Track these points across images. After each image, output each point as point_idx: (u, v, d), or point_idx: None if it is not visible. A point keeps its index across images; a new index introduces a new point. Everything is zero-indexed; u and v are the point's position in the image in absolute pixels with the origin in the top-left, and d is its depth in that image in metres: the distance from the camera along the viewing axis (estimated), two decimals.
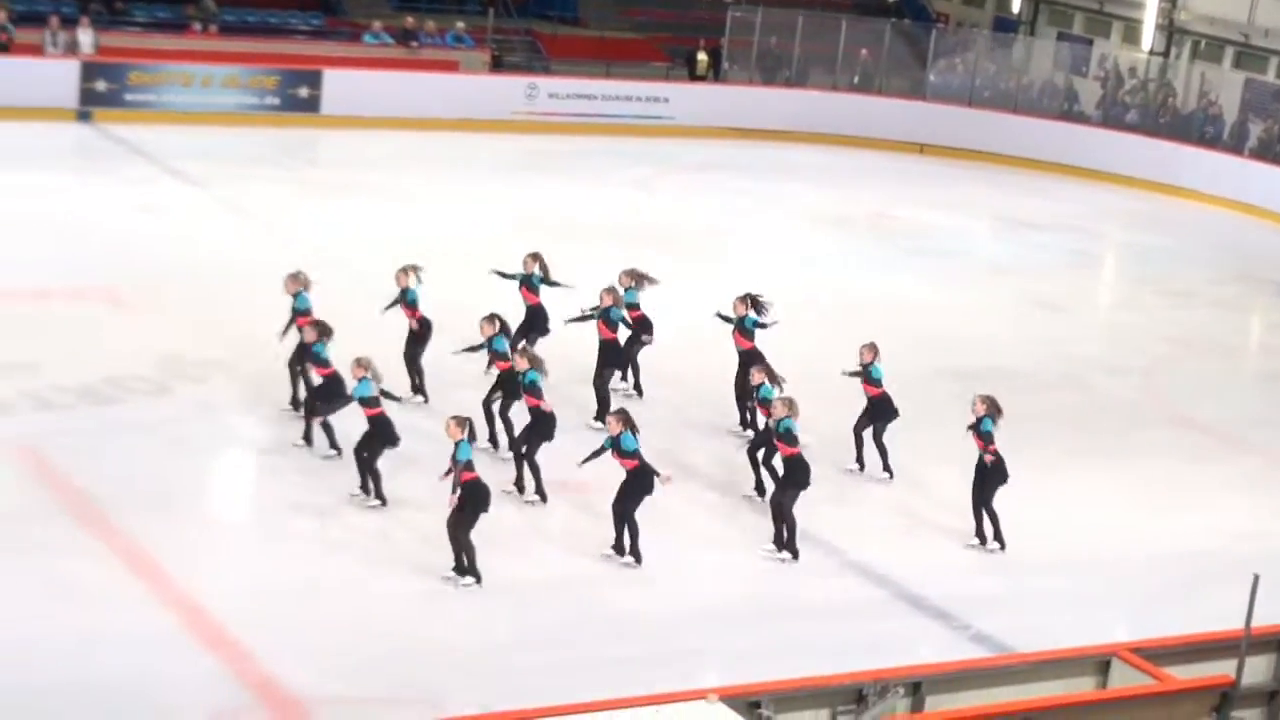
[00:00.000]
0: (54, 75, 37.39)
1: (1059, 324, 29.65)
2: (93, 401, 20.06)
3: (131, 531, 16.97)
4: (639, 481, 17.29)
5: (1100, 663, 14.08)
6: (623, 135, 41.84)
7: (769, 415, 18.53)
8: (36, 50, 37.95)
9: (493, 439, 19.73)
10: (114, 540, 16.69)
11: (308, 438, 19.18)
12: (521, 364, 18.80)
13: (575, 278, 22.78)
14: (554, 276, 22.56)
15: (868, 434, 20.62)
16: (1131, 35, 48.30)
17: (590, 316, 21.49)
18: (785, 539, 18.14)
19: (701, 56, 45.73)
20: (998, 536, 18.92)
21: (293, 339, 19.89)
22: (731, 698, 11.74)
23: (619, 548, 17.46)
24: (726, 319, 21.68)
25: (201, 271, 25.69)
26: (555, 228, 31.27)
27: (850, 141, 43.82)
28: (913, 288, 30.65)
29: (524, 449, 18.79)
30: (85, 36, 38.12)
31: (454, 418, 16.55)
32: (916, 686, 13.20)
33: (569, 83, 42.98)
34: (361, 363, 17.80)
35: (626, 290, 22.39)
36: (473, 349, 19.96)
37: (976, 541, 18.94)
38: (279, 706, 14.35)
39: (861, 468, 20.79)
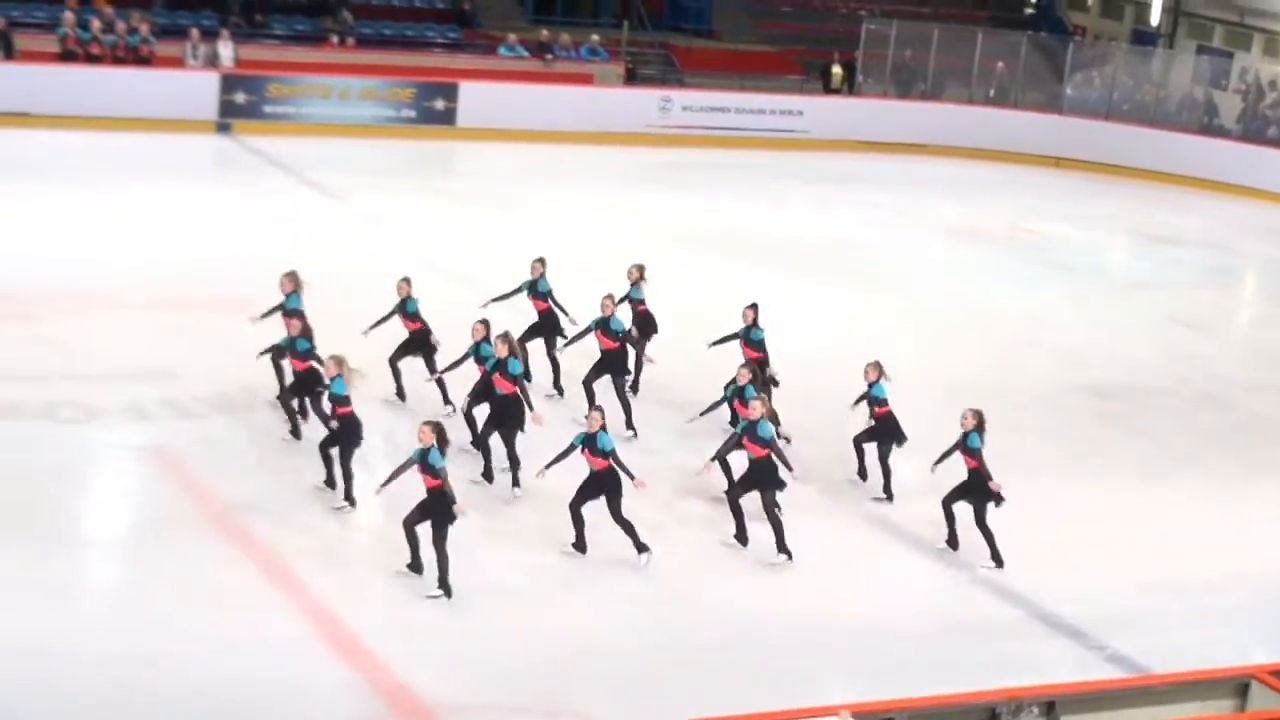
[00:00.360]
0: (194, 88, 37.98)
1: (1199, 341, 29.24)
2: (230, 410, 20.22)
3: (268, 539, 17.09)
4: (612, 481, 17.13)
5: (1239, 685, 13.82)
6: (756, 148, 41.80)
7: (746, 414, 18.15)
8: (177, 63, 38.48)
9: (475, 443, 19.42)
10: (251, 549, 16.80)
11: (295, 432, 19.48)
12: (501, 350, 18.62)
13: (704, 291, 22.71)
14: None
15: (870, 448, 20.10)
16: (1272, 48, 47.61)
17: (584, 335, 21.09)
18: (778, 541, 17.91)
19: (836, 69, 45.62)
20: (994, 555, 18.44)
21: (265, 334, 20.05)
22: (864, 714, 11.64)
23: (638, 546, 17.32)
24: (730, 338, 21.33)
25: (337, 282, 25.72)
26: (686, 241, 31.32)
27: (985, 155, 43.52)
28: (1049, 303, 30.37)
29: (506, 443, 18.61)
30: (225, 49, 38.58)
31: (427, 423, 16.34)
32: (1050, 706, 13.04)
33: (703, 95, 43.00)
34: (336, 360, 17.78)
35: (633, 285, 22.30)
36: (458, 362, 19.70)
37: (992, 564, 18.45)
38: (411, 715, 14.37)
39: (864, 478, 20.31)
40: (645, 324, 22.28)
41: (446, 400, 20.46)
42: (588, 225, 32.37)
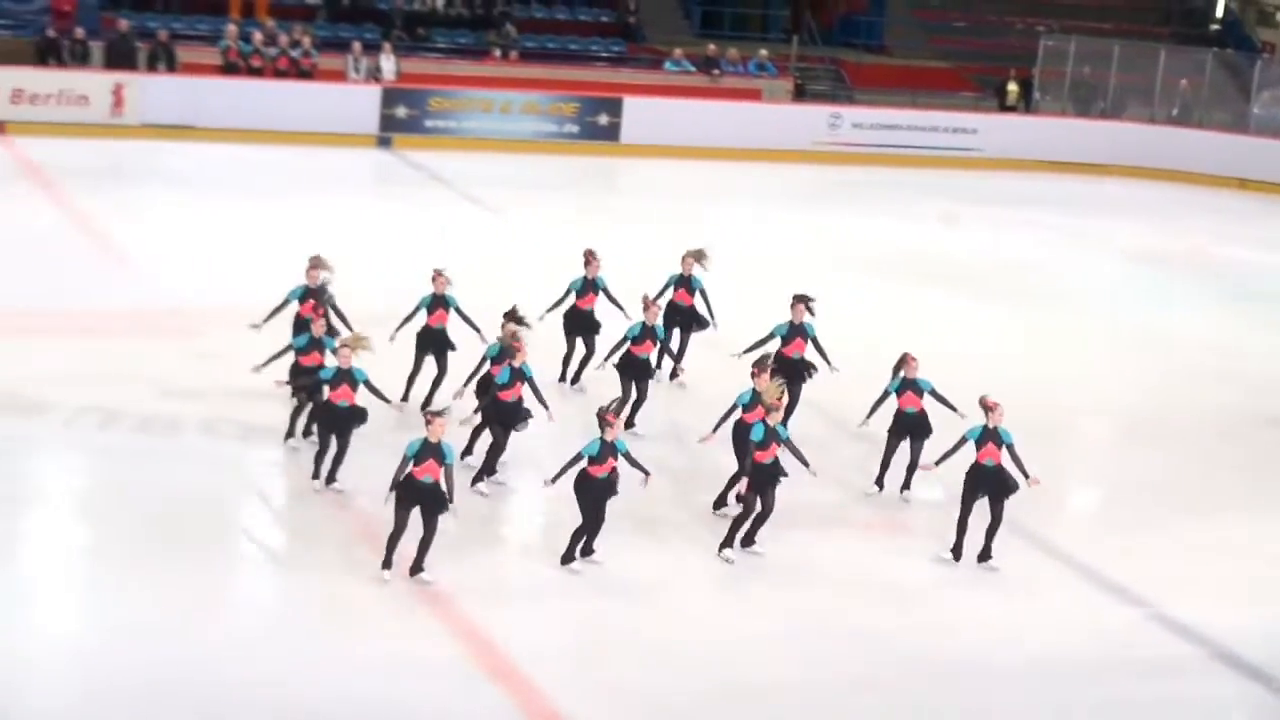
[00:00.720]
0: (355, 101, 38.58)
1: None
2: (385, 426, 20.26)
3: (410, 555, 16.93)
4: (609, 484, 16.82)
5: None
6: (928, 167, 41.51)
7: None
8: (339, 76, 39.01)
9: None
10: (402, 567, 16.66)
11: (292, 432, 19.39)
12: (523, 353, 18.40)
13: (870, 314, 22.44)
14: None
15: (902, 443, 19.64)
16: None
17: (622, 345, 20.70)
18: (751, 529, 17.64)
19: (1012, 87, 45.17)
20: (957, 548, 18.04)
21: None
22: None
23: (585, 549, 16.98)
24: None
25: (495, 298, 25.78)
26: (853, 261, 31.09)
27: (1166, 175, 42.87)
28: (1233, 330, 29.72)
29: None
30: (387, 63, 38.97)
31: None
32: None
33: (873, 113, 42.78)
34: (350, 343, 17.86)
35: (690, 276, 22.33)
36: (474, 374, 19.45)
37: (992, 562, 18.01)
38: None
39: (880, 489, 19.83)
40: (688, 317, 22.35)
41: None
42: (752, 245, 32.18)
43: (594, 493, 16.62)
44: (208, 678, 14.42)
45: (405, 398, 20.46)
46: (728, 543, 17.57)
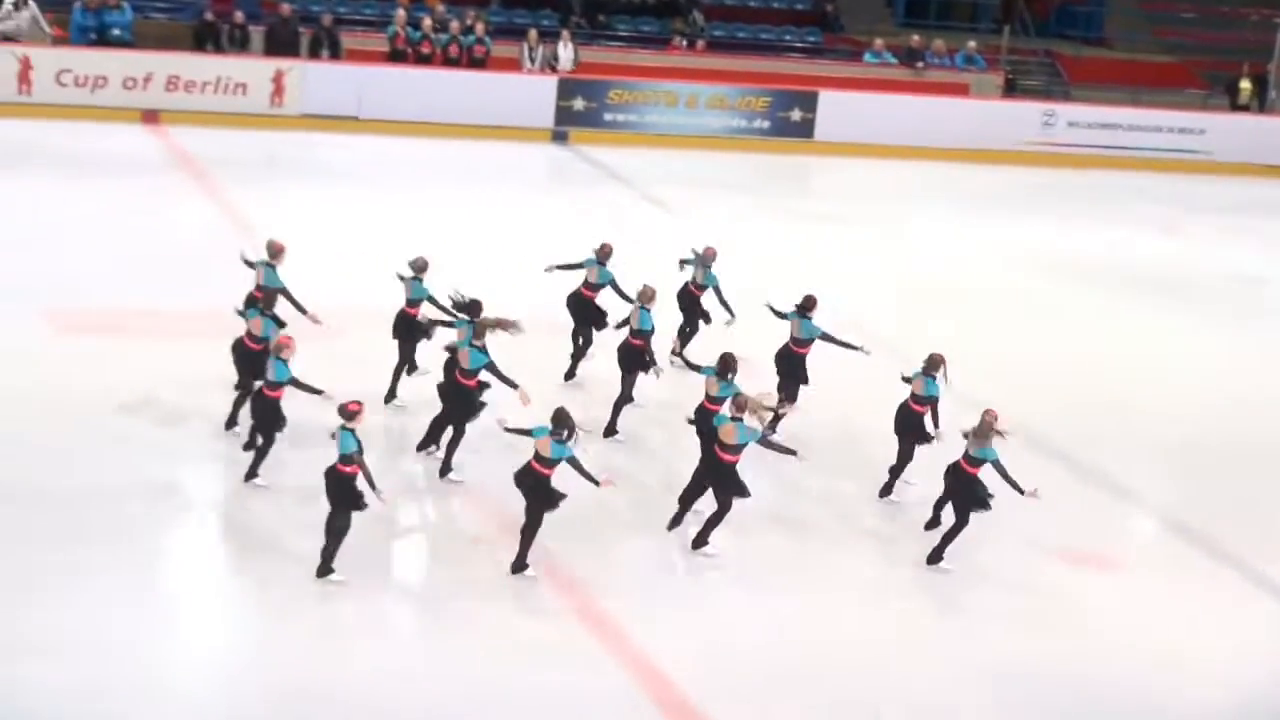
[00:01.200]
0: (530, 93, 38.80)
1: None
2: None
3: (586, 585, 17.07)
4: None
5: None
6: (1148, 170, 40.97)
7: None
8: (513, 66, 39.19)
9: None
10: (569, 594, 16.79)
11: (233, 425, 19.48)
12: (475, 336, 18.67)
13: (1083, 328, 22.08)
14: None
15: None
16: None
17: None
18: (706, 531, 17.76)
19: (1245, 84, 44.42)
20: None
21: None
22: None
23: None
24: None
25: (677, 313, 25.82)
26: (1066, 271, 30.73)
27: None
28: None
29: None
30: (565, 52, 39.10)
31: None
32: None
33: (1091, 110, 42.28)
34: (285, 343, 17.89)
35: (707, 272, 22.61)
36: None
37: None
38: None
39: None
40: (693, 308, 22.70)
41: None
42: (956, 252, 31.91)
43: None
44: (357, 701, 14.52)
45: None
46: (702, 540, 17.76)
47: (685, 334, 22.87)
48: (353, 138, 36.78)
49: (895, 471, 19.53)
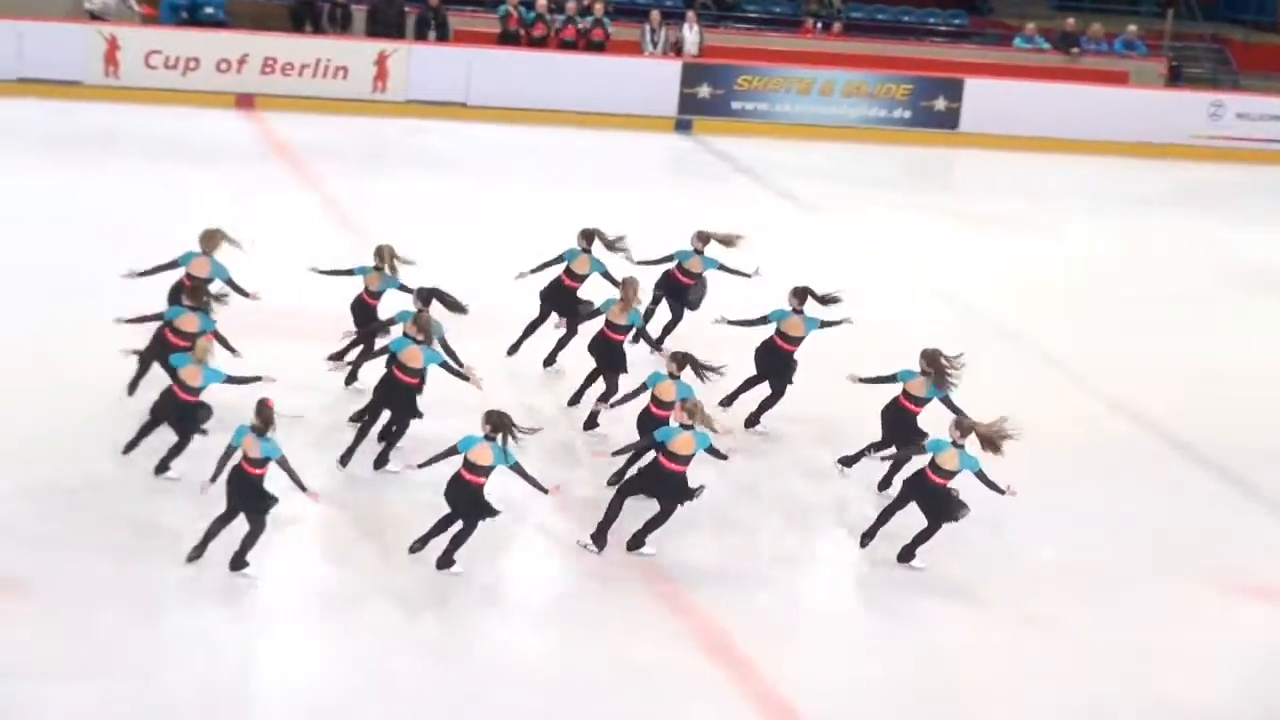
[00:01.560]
0: (652, 78, 38.91)
1: None
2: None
3: (709, 609, 16.96)
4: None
5: None
6: None
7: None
8: (633, 49, 39.36)
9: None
10: (689, 618, 16.76)
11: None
12: (410, 329, 18.73)
13: (1259, 342, 21.73)
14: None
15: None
16: None
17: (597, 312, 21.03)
18: (600, 528, 17.69)
19: None
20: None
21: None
22: None
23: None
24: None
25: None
26: (1237, 278, 30.50)
27: None
28: None
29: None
30: (690, 34, 39.11)
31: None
32: None
33: (1264, 101, 41.89)
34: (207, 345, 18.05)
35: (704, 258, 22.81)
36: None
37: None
38: None
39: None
40: (677, 291, 22.86)
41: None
42: (1114, 253, 31.66)
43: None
44: None
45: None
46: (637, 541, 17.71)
47: (668, 325, 23.11)
48: (461, 126, 36.85)
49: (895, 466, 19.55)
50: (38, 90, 35.51)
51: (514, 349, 22.49)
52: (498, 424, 16.62)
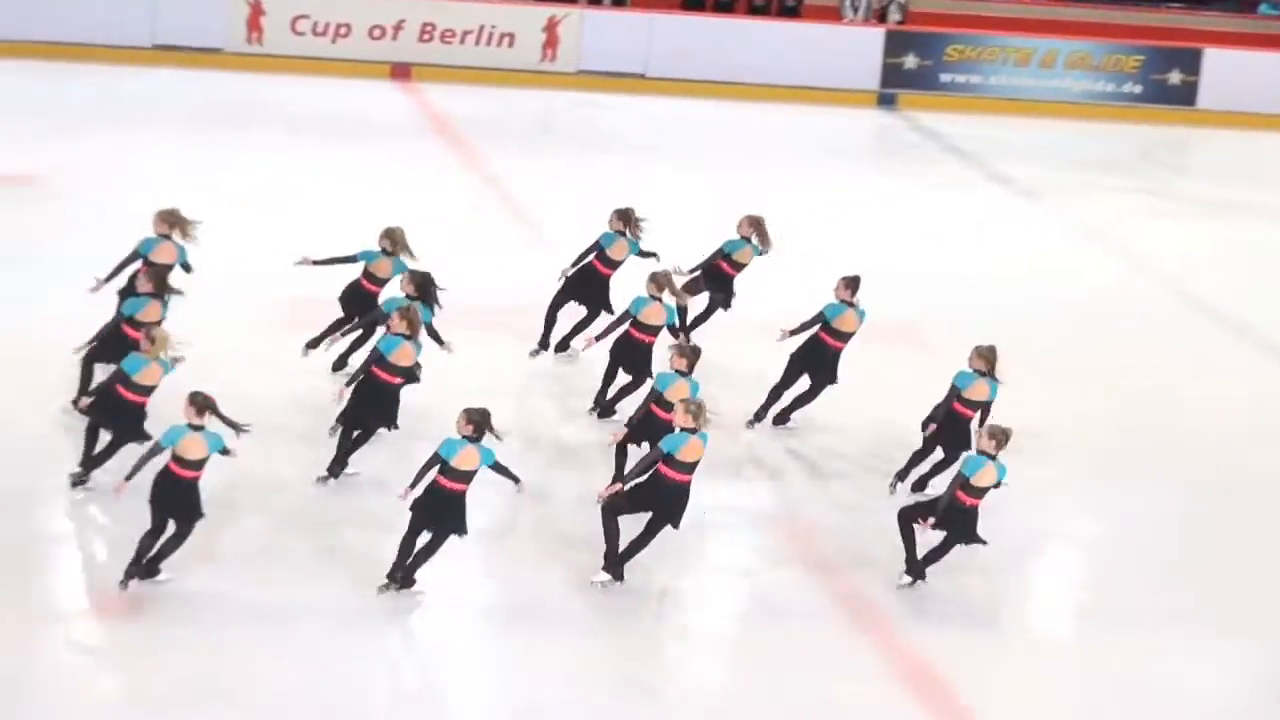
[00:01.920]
0: (851, 47, 38.73)
1: None
2: (871, 468, 19.99)
3: (918, 645, 16.80)
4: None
5: None
6: None
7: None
8: (831, 15, 39.38)
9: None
10: (895, 657, 16.63)
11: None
12: (399, 326, 18.45)
13: None
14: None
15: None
16: None
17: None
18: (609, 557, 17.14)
19: None
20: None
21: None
22: None
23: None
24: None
25: (1026, 310, 25.58)
26: None
27: None
28: None
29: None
30: None
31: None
32: None
33: None
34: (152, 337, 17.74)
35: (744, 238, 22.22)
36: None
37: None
38: None
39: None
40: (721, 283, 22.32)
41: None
42: None
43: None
44: None
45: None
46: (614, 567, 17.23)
47: (700, 316, 22.70)
48: (638, 100, 36.87)
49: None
50: (174, 59, 35.86)
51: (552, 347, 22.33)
52: (480, 422, 16.37)
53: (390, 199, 27.31)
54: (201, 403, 15.95)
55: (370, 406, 18.61)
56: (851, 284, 20.35)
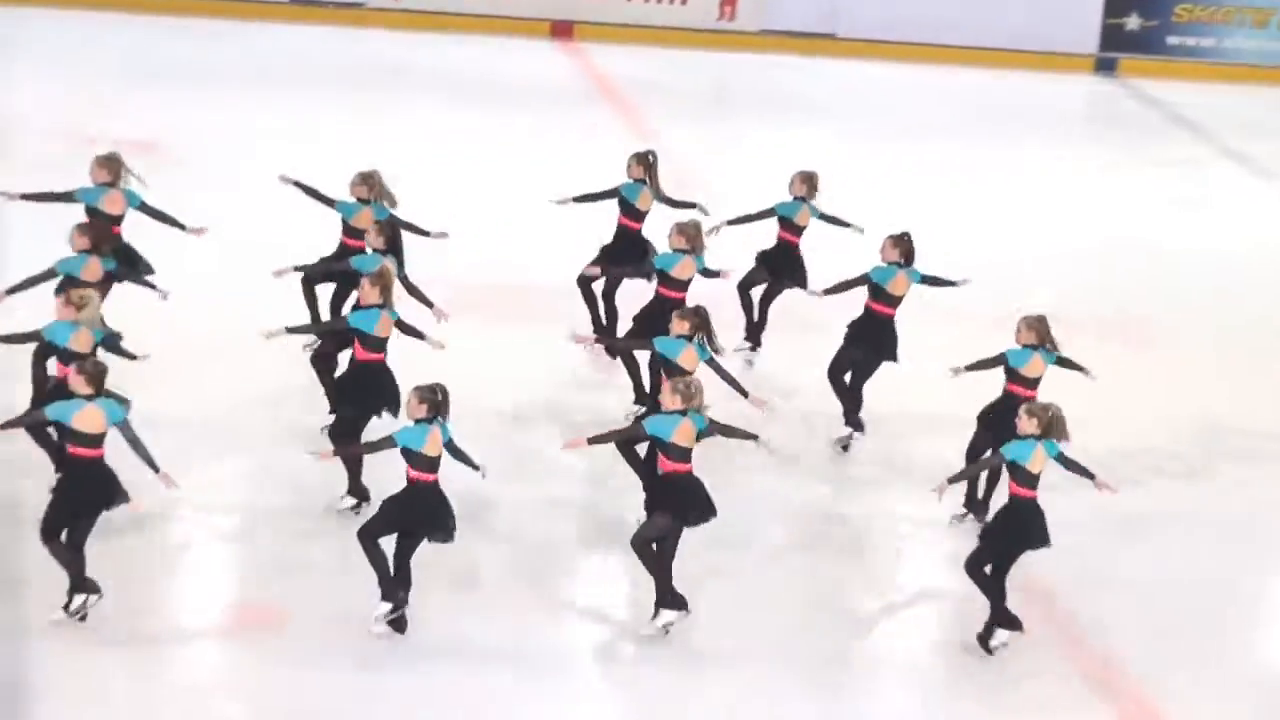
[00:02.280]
0: (1066, 7, 38.51)
1: None
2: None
3: (1143, 692, 16.63)
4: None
5: None
6: None
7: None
8: None
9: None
10: (1122, 704, 16.43)
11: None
12: (372, 295, 18.01)
13: None
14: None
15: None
16: None
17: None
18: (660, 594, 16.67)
19: None
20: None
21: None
22: None
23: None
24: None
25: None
26: None
27: None
28: None
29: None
30: None
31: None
32: None
33: None
34: (73, 300, 17.24)
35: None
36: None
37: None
38: None
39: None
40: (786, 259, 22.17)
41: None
42: None
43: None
44: None
45: None
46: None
47: (766, 295, 22.59)
48: (828, 63, 36.77)
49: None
50: (317, 15, 36.18)
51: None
52: (437, 401, 16.02)
53: (552, 176, 27.12)
54: (92, 372, 15.50)
55: (367, 392, 18.22)
56: (899, 243, 19.85)
